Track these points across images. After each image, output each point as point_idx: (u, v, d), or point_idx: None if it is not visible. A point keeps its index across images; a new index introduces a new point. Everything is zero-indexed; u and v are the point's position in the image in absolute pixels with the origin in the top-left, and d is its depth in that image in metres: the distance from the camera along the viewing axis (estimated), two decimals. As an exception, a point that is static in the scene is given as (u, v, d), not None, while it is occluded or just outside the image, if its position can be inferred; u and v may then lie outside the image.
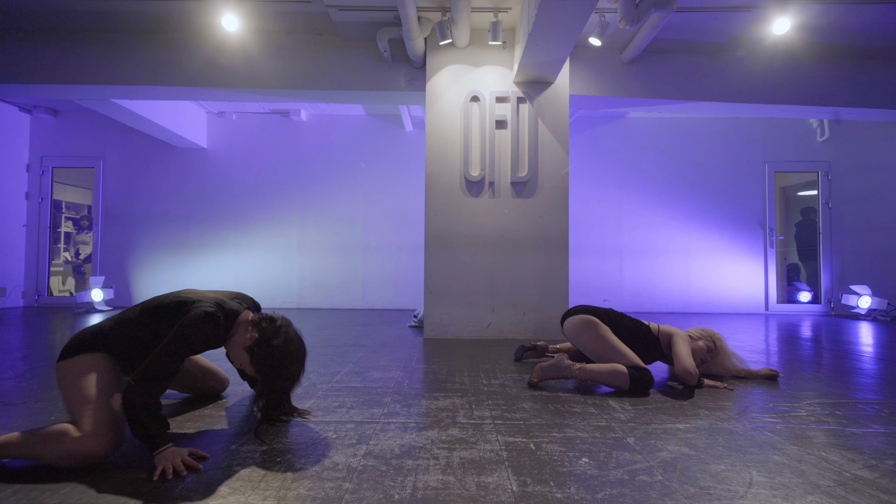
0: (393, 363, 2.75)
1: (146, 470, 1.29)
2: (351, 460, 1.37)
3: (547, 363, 2.21)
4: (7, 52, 3.95)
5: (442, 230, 3.82)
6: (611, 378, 2.10)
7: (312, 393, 2.09)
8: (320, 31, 4.00)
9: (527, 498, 1.16)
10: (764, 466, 1.35)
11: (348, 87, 4.06)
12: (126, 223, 6.13)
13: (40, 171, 6.07)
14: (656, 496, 1.17)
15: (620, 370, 2.10)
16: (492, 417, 1.77)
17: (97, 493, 1.17)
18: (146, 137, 6.15)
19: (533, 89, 3.84)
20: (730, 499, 1.16)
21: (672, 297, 6.12)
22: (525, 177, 3.81)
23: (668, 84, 4.20)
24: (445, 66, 3.86)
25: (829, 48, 4.14)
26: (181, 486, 1.20)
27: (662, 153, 6.25)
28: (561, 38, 3.09)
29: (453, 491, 1.19)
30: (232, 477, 1.26)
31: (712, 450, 1.47)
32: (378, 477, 1.27)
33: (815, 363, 2.90)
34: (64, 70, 3.96)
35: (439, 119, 3.86)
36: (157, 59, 3.95)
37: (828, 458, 1.42)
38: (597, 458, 1.40)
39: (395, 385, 2.25)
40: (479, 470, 1.31)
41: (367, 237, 6.22)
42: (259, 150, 6.26)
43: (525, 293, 3.79)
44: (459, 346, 3.36)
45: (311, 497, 1.15)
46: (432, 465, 1.35)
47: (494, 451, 1.45)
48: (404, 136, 6.32)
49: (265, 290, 6.12)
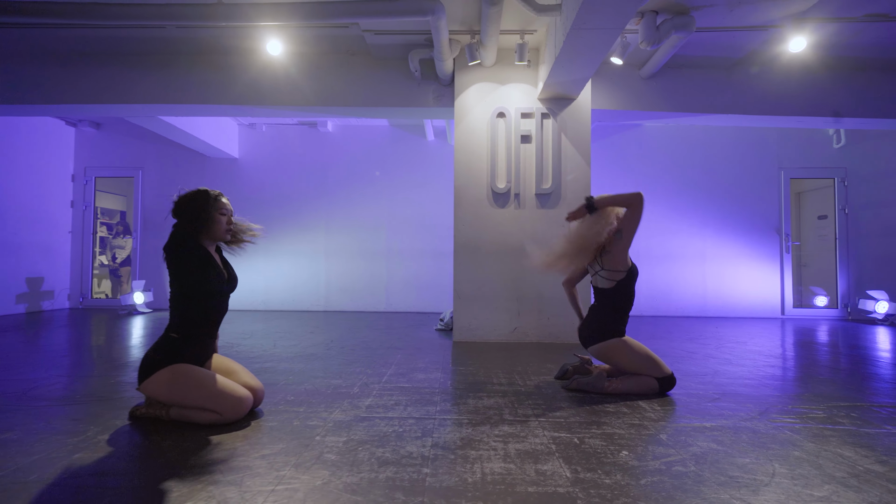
0: (432, 365, 2.97)
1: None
2: (422, 450, 1.59)
3: (585, 379, 2.37)
4: (67, 75, 4.25)
5: (470, 239, 4.03)
6: (643, 392, 2.29)
7: (368, 392, 2.32)
8: (354, 52, 4.25)
9: (580, 483, 1.36)
10: (785, 460, 1.54)
11: (380, 103, 4.30)
12: (163, 229, 6.45)
13: (84, 181, 6.42)
14: (691, 483, 1.37)
15: (651, 385, 2.28)
16: (535, 415, 1.98)
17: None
18: (182, 148, 6.46)
19: (556, 105, 4.03)
20: (756, 486, 1.35)
21: (688, 302, 6.26)
22: (549, 188, 4.01)
23: (686, 98, 4.36)
24: (473, 84, 4.08)
25: (843, 61, 4.27)
26: (286, 472, 1.43)
27: (678, 160, 6.39)
28: (586, 61, 3.28)
29: (517, 476, 1.40)
30: (325, 462, 1.49)
31: (738, 445, 1.66)
32: (449, 464, 1.48)
33: (831, 368, 3.05)
34: (116, 91, 4.26)
35: (467, 134, 4.07)
36: (205, 80, 4.23)
37: (843, 454, 1.60)
38: (635, 452, 1.60)
39: (439, 385, 2.46)
40: (534, 459, 1.52)
41: (390, 242, 6.46)
42: (288, 159, 6.54)
43: (549, 299, 3.98)
44: (488, 349, 3.57)
45: (398, 479, 1.37)
46: (493, 454, 1.56)
47: (544, 444, 1.66)
48: (426, 145, 6.55)
49: (294, 293, 6.39)
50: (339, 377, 2.62)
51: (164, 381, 1.80)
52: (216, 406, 1.79)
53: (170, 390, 1.80)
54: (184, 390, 1.79)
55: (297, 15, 3.27)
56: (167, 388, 1.80)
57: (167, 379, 1.80)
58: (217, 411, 1.79)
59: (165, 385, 1.80)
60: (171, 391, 1.80)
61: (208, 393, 1.79)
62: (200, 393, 1.79)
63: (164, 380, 1.80)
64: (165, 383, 1.80)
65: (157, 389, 1.81)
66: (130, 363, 2.99)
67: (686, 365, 3.04)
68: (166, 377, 1.80)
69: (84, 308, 6.35)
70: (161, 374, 1.81)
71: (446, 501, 1.25)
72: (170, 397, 1.81)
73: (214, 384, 1.81)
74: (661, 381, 2.29)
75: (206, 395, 1.79)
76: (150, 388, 1.82)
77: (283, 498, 1.26)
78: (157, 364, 1.82)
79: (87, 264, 6.41)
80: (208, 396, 1.79)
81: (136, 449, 1.61)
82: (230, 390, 1.83)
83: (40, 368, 2.80)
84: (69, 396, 2.22)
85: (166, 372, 1.81)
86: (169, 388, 1.80)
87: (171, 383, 1.80)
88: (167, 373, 1.80)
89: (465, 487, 1.33)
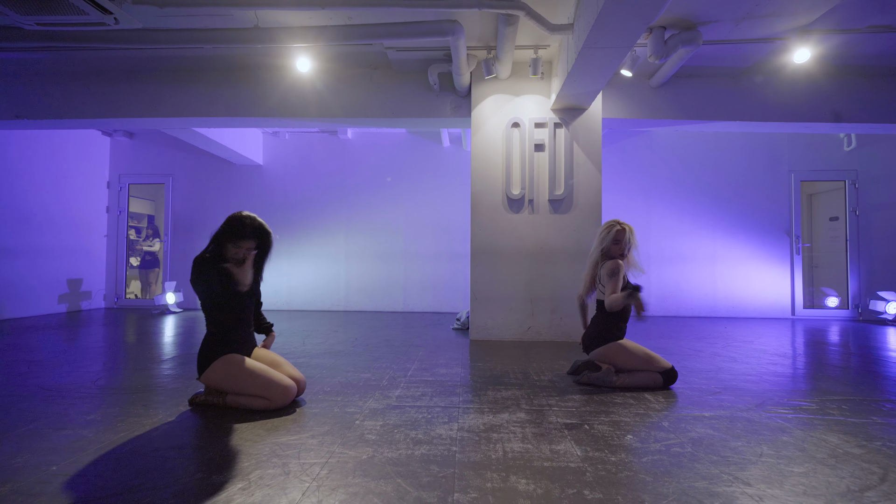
0: (452, 361, 3.20)
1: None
2: (450, 433, 1.82)
3: (595, 374, 2.56)
4: (111, 91, 4.58)
5: (486, 243, 4.25)
6: (649, 386, 2.49)
7: (397, 384, 2.55)
8: (377, 66, 4.50)
9: (589, 460, 1.57)
10: (773, 444, 1.73)
11: (401, 114, 4.54)
12: (192, 233, 6.80)
13: (118, 188, 6.80)
14: (687, 461, 1.57)
15: (656, 380, 2.48)
16: (549, 405, 2.19)
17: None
18: (210, 156, 6.80)
19: (568, 115, 4.23)
20: (744, 464, 1.55)
21: (698, 302, 6.38)
22: (562, 194, 4.20)
23: (695, 106, 4.52)
24: (489, 96, 4.30)
25: (847, 69, 4.39)
26: (335, 448, 1.67)
27: (688, 164, 6.52)
28: (597, 76, 3.48)
29: (534, 454, 1.62)
30: (367, 441, 1.72)
31: (732, 431, 1.85)
32: (475, 444, 1.70)
33: (832, 365, 3.20)
34: (156, 106, 4.57)
35: (483, 143, 4.29)
36: (238, 94, 4.53)
37: (827, 439, 1.79)
38: (639, 436, 1.81)
39: (460, 379, 2.69)
40: (549, 441, 1.74)
41: (407, 245, 6.71)
42: (309, 165, 6.84)
43: (562, 299, 4.18)
44: (503, 347, 3.78)
45: (431, 455, 1.60)
46: (512, 437, 1.78)
47: (557, 429, 1.87)
48: (442, 151, 6.78)
49: (315, 294, 6.68)
50: (368, 371, 2.87)
51: (219, 371, 2.06)
52: (266, 393, 2.05)
53: (226, 379, 2.06)
54: (238, 379, 2.05)
55: (326, 37, 3.52)
56: (223, 378, 2.06)
57: (222, 369, 2.06)
58: (267, 398, 2.05)
59: (221, 375, 2.06)
60: (227, 380, 2.06)
61: (260, 382, 2.05)
62: (253, 381, 2.05)
63: (219, 370, 2.06)
64: (222, 373, 2.06)
65: (215, 379, 2.07)
66: (176, 357, 3.27)
67: (692, 362, 3.21)
68: (221, 368, 2.06)
69: (119, 308, 6.72)
70: (217, 365, 2.07)
71: (474, 472, 1.47)
72: (226, 385, 2.07)
73: (264, 374, 2.07)
74: (663, 374, 2.48)
75: (258, 383, 2.05)
76: (209, 378, 2.08)
77: (336, 467, 1.50)
78: (210, 357, 2.08)
79: (121, 266, 6.78)
80: (260, 385, 2.05)
81: (202, 429, 1.86)
82: (278, 380, 2.08)
83: (99, 362, 3.09)
84: (131, 386, 2.50)
85: (221, 363, 2.06)
86: (225, 377, 2.06)
87: (226, 373, 2.06)
88: (221, 364, 2.06)
89: (490, 462, 1.55)
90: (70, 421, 1.93)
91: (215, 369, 2.07)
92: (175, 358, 3.27)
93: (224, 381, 2.06)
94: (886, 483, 1.42)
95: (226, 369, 2.06)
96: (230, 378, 2.06)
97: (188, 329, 4.76)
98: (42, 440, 1.72)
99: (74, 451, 1.62)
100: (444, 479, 1.43)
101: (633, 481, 1.42)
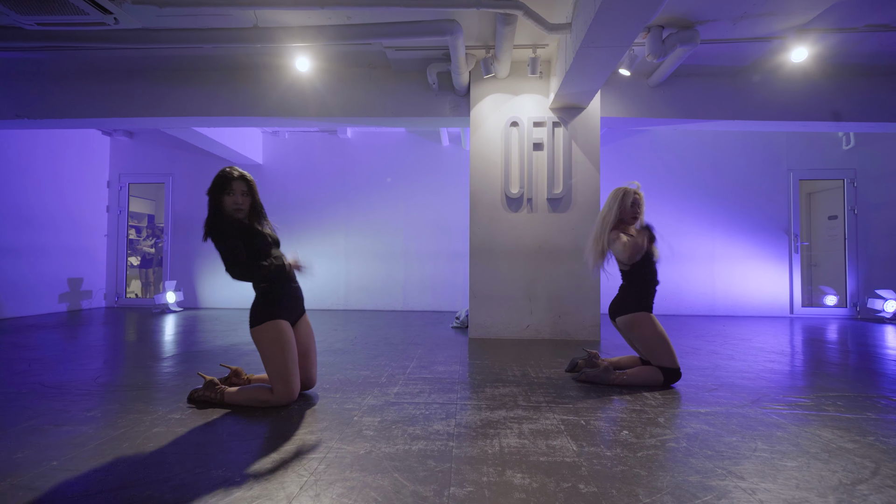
0: (450, 359, 3.21)
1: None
2: (447, 428, 1.83)
3: (593, 371, 2.57)
4: (111, 91, 4.60)
5: (485, 242, 4.26)
6: (647, 384, 2.48)
7: (395, 381, 2.57)
8: (376, 66, 4.51)
9: (585, 455, 1.59)
10: (767, 439, 1.74)
11: (400, 113, 4.55)
12: (192, 232, 6.81)
13: (118, 187, 6.81)
14: (681, 456, 1.59)
15: (656, 378, 2.47)
16: (546, 402, 2.21)
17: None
18: (209, 155, 6.81)
19: (567, 114, 4.24)
20: (738, 458, 1.56)
21: (697, 301, 6.39)
22: (560, 193, 4.22)
23: (693, 105, 4.53)
24: (487, 96, 4.31)
25: (845, 68, 4.40)
26: (333, 444, 1.68)
27: (687, 162, 6.53)
28: (595, 75, 3.49)
29: (530, 449, 1.63)
30: (365, 437, 1.74)
31: (727, 427, 1.87)
32: (472, 439, 1.72)
33: (829, 363, 3.21)
34: (155, 105, 4.59)
35: (482, 142, 4.30)
36: (237, 94, 4.54)
37: (821, 434, 1.80)
38: (634, 431, 1.82)
39: (459, 376, 2.70)
40: (545, 436, 1.75)
41: (407, 244, 6.72)
42: (309, 165, 6.85)
43: (560, 298, 4.19)
44: (502, 346, 3.80)
45: (428, 450, 1.62)
46: (509, 432, 1.79)
47: (554, 424, 1.89)
48: (441, 150, 6.80)
49: (315, 293, 6.69)
50: (367, 369, 2.88)
51: (268, 332, 2.09)
52: (275, 384, 2.07)
53: (265, 344, 2.09)
54: (272, 352, 2.07)
55: (325, 36, 3.54)
56: (267, 341, 2.09)
57: (270, 333, 2.09)
58: (274, 391, 2.07)
59: (268, 338, 2.09)
60: (266, 345, 2.09)
61: (280, 370, 2.07)
62: (276, 364, 2.07)
63: (268, 331, 2.09)
64: (268, 336, 2.09)
65: (260, 337, 2.10)
66: (176, 355, 3.29)
67: (690, 360, 3.23)
68: (271, 331, 2.09)
69: (119, 307, 6.74)
70: (269, 326, 2.09)
71: (471, 467, 1.49)
72: (262, 348, 2.10)
73: (287, 364, 2.08)
74: (666, 372, 2.48)
75: (277, 369, 2.07)
76: (257, 334, 2.11)
77: (334, 462, 1.52)
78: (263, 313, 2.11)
79: (121, 266, 6.80)
80: (277, 373, 2.07)
81: (200, 425, 1.88)
82: (290, 380, 2.09)
83: (99, 360, 3.11)
84: (131, 383, 2.51)
85: (273, 327, 2.09)
86: (267, 342, 2.09)
87: (269, 339, 2.08)
88: (273, 328, 2.09)
89: (486, 457, 1.57)
90: (70, 417, 1.95)
91: (266, 329, 2.09)
92: (175, 356, 3.29)
93: (264, 343, 2.09)
94: (878, 477, 1.44)
95: (271, 336, 2.08)
96: (268, 345, 2.08)
97: (188, 328, 4.77)
98: (43, 436, 1.74)
99: (75, 446, 1.64)
100: (440, 473, 1.44)
101: (627, 475, 1.44)
